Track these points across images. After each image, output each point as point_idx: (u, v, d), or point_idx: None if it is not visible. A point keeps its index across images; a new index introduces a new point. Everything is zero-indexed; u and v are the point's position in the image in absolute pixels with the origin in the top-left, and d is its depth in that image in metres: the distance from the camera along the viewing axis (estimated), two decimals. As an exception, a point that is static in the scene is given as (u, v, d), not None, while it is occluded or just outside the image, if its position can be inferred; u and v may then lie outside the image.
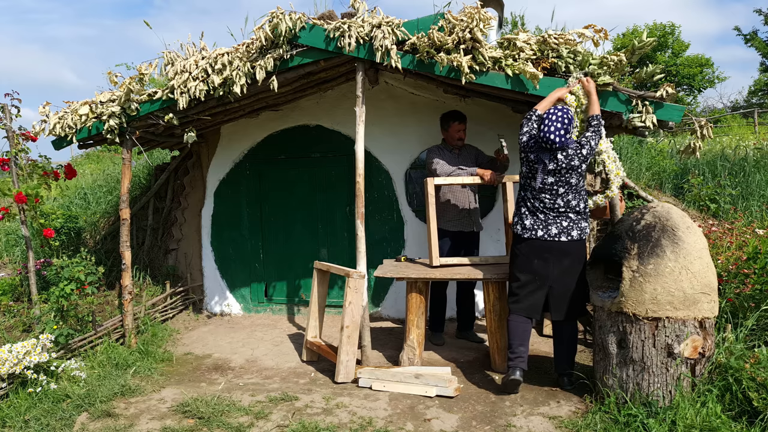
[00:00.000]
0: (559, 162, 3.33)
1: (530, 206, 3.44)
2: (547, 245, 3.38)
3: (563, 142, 3.27)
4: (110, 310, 5.10)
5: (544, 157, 3.35)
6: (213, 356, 4.48)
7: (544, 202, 3.38)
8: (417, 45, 3.69)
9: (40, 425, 3.15)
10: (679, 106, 3.57)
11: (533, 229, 3.41)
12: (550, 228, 3.38)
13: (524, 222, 3.45)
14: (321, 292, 4.30)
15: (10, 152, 4.47)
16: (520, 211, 3.50)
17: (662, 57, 25.36)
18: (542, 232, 3.39)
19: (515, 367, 3.40)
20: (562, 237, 3.37)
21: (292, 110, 5.48)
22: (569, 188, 3.38)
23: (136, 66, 4.23)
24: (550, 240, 3.38)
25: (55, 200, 7.67)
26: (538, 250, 3.40)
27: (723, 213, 6.19)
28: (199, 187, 5.91)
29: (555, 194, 3.37)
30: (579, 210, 3.41)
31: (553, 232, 3.37)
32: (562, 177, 3.35)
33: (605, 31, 3.62)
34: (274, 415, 3.27)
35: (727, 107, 21.65)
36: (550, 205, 3.38)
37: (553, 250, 3.38)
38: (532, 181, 3.42)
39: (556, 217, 3.38)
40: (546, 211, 3.39)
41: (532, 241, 3.41)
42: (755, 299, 3.52)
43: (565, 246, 3.38)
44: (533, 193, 3.42)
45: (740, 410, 2.76)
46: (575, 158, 3.34)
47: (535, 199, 3.42)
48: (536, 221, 3.41)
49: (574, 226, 3.38)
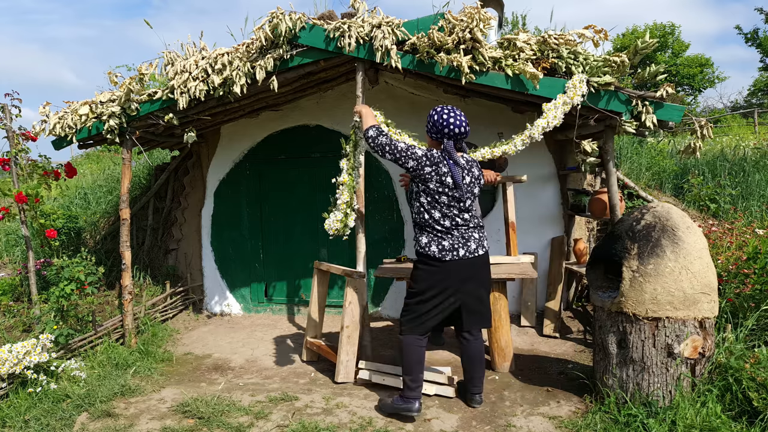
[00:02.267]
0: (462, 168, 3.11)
1: (442, 226, 3.09)
2: (469, 262, 3.11)
3: (467, 132, 3.13)
4: (110, 310, 5.10)
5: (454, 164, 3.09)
6: (213, 356, 4.48)
7: (454, 219, 3.10)
8: (417, 45, 3.69)
9: (40, 425, 3.15)
10: (679, 106, 3.57)
11: (454, 249, 3.09)
12: (469, 244, 3.12)
13: (441, 244, 3.09)
14: (321, 292, 4.30)
15: (10, 152, 4.47)
16: (430, 234, 3.11)
17: (662, 57, 25.37)
18: (464, 251, 3.10)
19: (416, 399, 3.16)
20: (479, 250, 3.15)
21: (292, 110, 5.48)
22: (473, 199, 3.19)
23: (137, 67, 4.23)
24: (471, 256, 3.11)
25: (55, 200, 7.67)
26: (461, 269, 3.10)
27: (723, 213, 6.19)
28: (199, 187, 5.92)
29: (462, 207, 3.11)
30: (480, 221, 3.26)
31: (473, 247, 3.12)
32: (467, 187, 3.13)
33: (605, 32, 3.62)
34: (274, 415, 3.27)
35: (727, 107, 21.65)
36: (462, 220, 3.11)
37: (475, 265, 3.14)
38: (442, 196, 3.08)
39: (466, 231, 3.14)
40: (459, 227, 3.11)
41: (454, 262, 3.09)
42: (755, 299, 3.52)
43: (481, 259, 3.17)
44: (444, 209, 3.09)
45: (740, 410, 2.76)
46: (475, 167, 3.21)
47: (446, 216, 3.10)
48: (454, 240, 3.10)
49: (483, 238, 3.21)
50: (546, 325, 4.77)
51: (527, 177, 4.16)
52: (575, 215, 5.09)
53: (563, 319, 5.01)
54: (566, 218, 5.21)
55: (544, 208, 5.23)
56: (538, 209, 5.21)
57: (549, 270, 5.10)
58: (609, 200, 4.00)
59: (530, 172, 4.90)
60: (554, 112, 3.56)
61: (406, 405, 3.16)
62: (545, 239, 5.23)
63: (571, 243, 5.11)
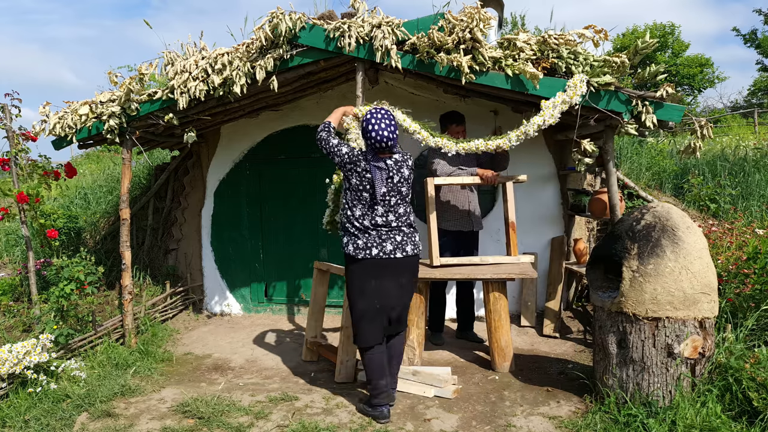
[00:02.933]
0: (389, 168, 3.13)
1: (358, 225, 3.14)
2: (382, 263, 3.12)
3: (395, 140, 3.14)
4: (110, 310, 5.10)
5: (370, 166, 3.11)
6: (213, 356, 4.48)
7: (375, 219, 3.12)
8: (417, 45, 3.69)
9: (40, 425, 3.15)
10: (679, 106, 3.57)
11: (367, 247, 3.11)
12: (385, 245, 3.12)
13: (356, 242, 3.14)
14: (321, 292, 4.30)
15: (10, 152, 4.47)
16: (350, 231, 3.18)
17: (662, 57, 25.36)
18: (377, 250, 3.11)
19: (381, 406, 3.18)
20: (397, 253, 3.14)
21: (292, 110, 5.48)
22: (401, 199, 3.19)
23: (137, 67, 4.23)
24: (386, 257, 3.11)
25: (55, 200, 7.67)
26: (375, 269, 3.13)
27: (723, 213, 6.19)
28: (199, 187, 5.92)
29: (387, 206, 3.14)
30: (410, 222, 3.25)
31: (389, 249, 3.12)
32: (394, 186, 3.15)
33: (605, 32, 3.62)
34: (274, 415, 3.27)
35: (727, 107, 21.64)
36: (383, 220, 3.13)
37: (389, 267, 3.13)
38: (363, 192, 3.13)
39: (388, 232, 3.14)
40: (378, 228, 3.13)
41: (367, 260, 3.12)
42: (755, 299, 3.52)
43: (400, 262, 3.16)
44: (363, 209, 3.14)
45: (740, 410, 2.76)
46: (405, 167, 3.21)
47: (365, 216, 3.14)
48: (369, 239, 3.12)
49: (408, 241, 3.19)
50: (546, 325, 4.77)
51: (527, 177, 4.15)
52: (575, 215, 5.09)
53: (563, 319, 5.01)
54: (566, 218, 5.21)
55: (544, 208, 5.23)
56: (538, 209, 5.21)
57: (549, 270, 5.10)
58: (609, 200, 4.00)
59: (530, 172, 4.89)
60: (551, 110, 3.56)
61: (374, 413, 3.19)
62: (545, 239, 5.24)
63: (571, 243, 5.12)
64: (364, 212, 3.15)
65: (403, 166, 3.21)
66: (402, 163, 3.21)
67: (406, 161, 3.24)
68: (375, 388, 3.19)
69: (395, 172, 3.16)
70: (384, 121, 3.12)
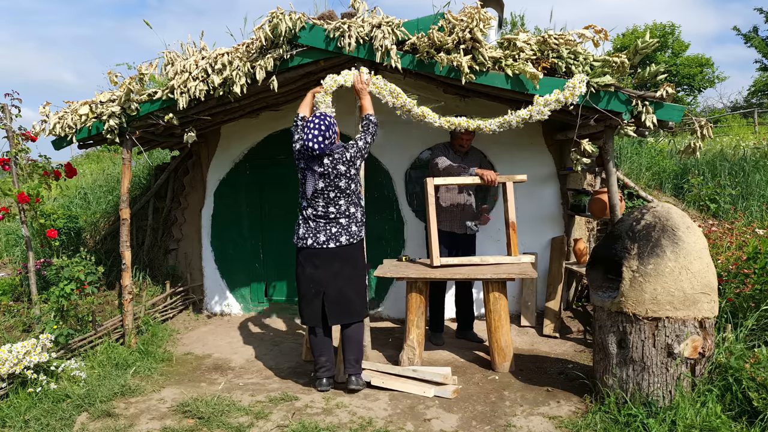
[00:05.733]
0: (325, 166, 3.42)
1: (304, 215, 3.52)
2: (315, 252, 3.46)
3: (323, 149, 3.35)
4: (110, 310, 5.10)
5: (312, 163, 3.44)
6: (213, 356, 4.48)
7: (317, 210, 3.46)
8: (417, 45, 3.69)
9: (40, 425, 3.15)
10: (679, 106, 3.57)
11: (305, 237, 3.50)
12: (318, 236, 3.46)
13: (298, 231, 3.55)
14: (321, 292, 4.29)
15: (10, 152, 4.46)
16: (298, 220, 3.58)
17: (662, 57, 25.35)
18: (312, 240, 3.47)
19: (320, 378, 3.58)
20: (330, 243, 3.46)
21: (292, 110, 5.46)
22: (340, 192, 3.46)
23: (137, 66, 4.22)
24: (319, 247, 3.45)
25: (55, 200, 7.67)
26: (310, 259, 3.48)
27: (723, 213, 6.19)
28: (199, 187, 5.91)
29: (327, 199, 3.45)
30: (350, 214, 3.51)
31: (321, 239, 3.46)
32: (331, 181, 3.43)
33: (605, 32, 3.63)
34: (274, 415, 3.27)
35: (727, 107, 21.63)
36: (323, 212, 3.46)
37: (321, 256, 3.46)
38: (306, 187, 3.47)
39: (326, 224, 3.47)
40: (317, 219, 3.47)
41: (304, 249, 3.50)
42: (755, 299, 3.53)
43: (334, 252, 3.46)
44: (307, 201, 3.49)
45: (740, 410, 2.76)
46: (340, 163, 3.44)
47: (309, 207, 3.49)
48: (308, 230, 3.49)
49: (343, 232, 3.48)
50: (546, 325, 4.77)
51: (527, 177, 4.16)
52: (575, 215, 5.09)
53: (563, 319, 5.01)
54: (566, 218, 5.21)
55: (544, 208, 5.23)
56: (538, 209, 5.21)
57: (549, 270, 5.10)
58: (609, 200, 4.00)
59: (530, 172, 4.89)
60: (541, 106, 3.62)
61: (314, 383, 3.64)
62: (545, 239, 5.24)
63: (571, 243, 5.11)
64: (308, 204, 3.50)
65: (339, 162, 3.45)
66: (338, 160, 3.45)
67: (342, 157, 3.46)
68: (316, 362, 3.61)
69: (331, 169, 3.43)
70: (313, 131, 3.36)
